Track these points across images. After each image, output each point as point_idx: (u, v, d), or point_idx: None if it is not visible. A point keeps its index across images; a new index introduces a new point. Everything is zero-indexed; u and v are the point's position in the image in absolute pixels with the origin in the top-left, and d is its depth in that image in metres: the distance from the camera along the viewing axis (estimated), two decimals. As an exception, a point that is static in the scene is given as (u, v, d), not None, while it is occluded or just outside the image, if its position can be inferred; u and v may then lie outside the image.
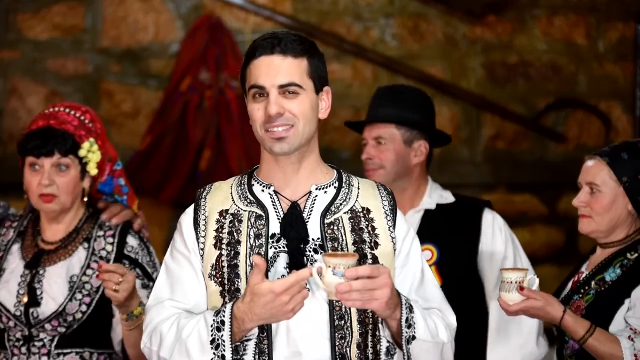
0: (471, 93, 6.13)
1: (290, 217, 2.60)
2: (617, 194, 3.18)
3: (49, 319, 3.22)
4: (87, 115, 3.39)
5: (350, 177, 2.72)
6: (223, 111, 5.81)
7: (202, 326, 2.52)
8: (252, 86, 2.60)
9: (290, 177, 2.64)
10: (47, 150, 3.26)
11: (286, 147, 2.58)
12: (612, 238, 3.21)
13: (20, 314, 3.24)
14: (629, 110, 6.21)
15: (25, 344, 3.25)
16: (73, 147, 3.30)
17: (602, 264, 3.20)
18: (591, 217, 3.19)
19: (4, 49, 5.91)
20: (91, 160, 3.33)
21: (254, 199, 2.64)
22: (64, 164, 3.28)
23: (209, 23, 5.92)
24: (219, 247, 2.60)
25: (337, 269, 2.40)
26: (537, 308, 3.00)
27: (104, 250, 3.32)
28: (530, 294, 2.99)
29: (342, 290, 2.39)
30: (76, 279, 3.26)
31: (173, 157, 5.82)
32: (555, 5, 6.20)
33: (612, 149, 3.23)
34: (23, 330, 3.24)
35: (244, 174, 2.73)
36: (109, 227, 3.36)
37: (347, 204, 2.65)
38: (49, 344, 3.25)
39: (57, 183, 3.28)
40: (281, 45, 2.59)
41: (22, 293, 3.25)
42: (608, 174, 3.18)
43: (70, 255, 3.30)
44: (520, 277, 3.00)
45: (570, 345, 3.16)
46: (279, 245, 2.58)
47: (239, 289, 2.55)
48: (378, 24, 6.10)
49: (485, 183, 6.13)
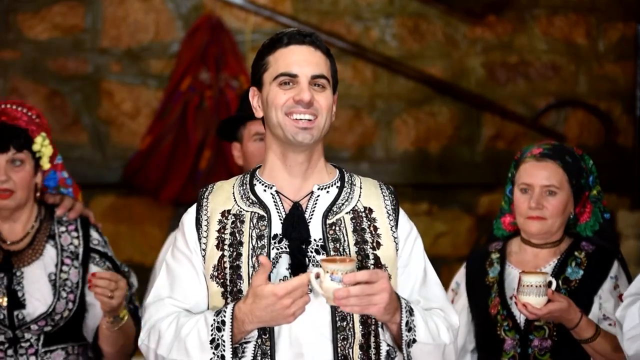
0: (471, 93, 6.13)
1: (291, 217, 2.59)
2: (569, 196, 3.24)
3: (36, 320, 3.20)
4: (33, 111, 3.37)
5: (353, 176, 2.71)
6: (223, 111, 5.81)
7: (202, 325, 2.51)
8: (281, 73, 2.58)
9: (295, 177, 2.63)
10: (2, 145, 3.24)
11: (308, 137, 2.57)
12: (552, 239, 3.27)
13: (4, 317, 3.21)
14: (629, 110, 6.21)
15: (10, 346, 3.22)
16: (26, 141, 3.28)
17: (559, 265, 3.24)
18: (544, 219, 3.22)
19: (4, 49, 5.91)
20: (44, 155, 3.32)
21: (256, 199, 2.63)
22: (19, 159, 3.26)
23: (209, 23, 5.92)
24: (221, 247, 2.59)
25: (335, 274, 2.39)
26: (562, 309, 3.03)
27: (71, 245, 3.31)
28: (557, 297, 3.03)
29: (339, 296, 2.38)
30: (54, 277, 3.25)
31: (173, 157, 5.82)
32: (555, 5, 6.20)
33: (555, 152, 3.27)
34: (6, 333, 3.21)
35: (245, 173, 2.72)
36: (68, 221, 3.35)
37: (349, 204, 2.64)
38: (35, 343, 3.23)
39: (13, 178, 3.25)
40: (312, 37, 2.61)
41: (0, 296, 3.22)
42: (563, 176, 3.23)
43: (41, 254, 3.28)
44: (542, 281, 3.02)
45: (536, 344, 3.18)
46: (281, 245, 2.57)
47: (241, 290, 2.54)
48: (378, 24, 6.10)
49: (485, 183, 6.13)
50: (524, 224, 3.26)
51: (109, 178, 5.86)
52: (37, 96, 5.90)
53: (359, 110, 6.04)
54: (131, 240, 5.84)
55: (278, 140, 2.62)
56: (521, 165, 3.30)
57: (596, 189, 3.32)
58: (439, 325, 2.60)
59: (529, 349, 3.19)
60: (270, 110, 2.59)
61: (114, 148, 5.94)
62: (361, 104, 6.07)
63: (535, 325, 3.19)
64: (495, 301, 3.26)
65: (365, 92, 6.07)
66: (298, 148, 2.60)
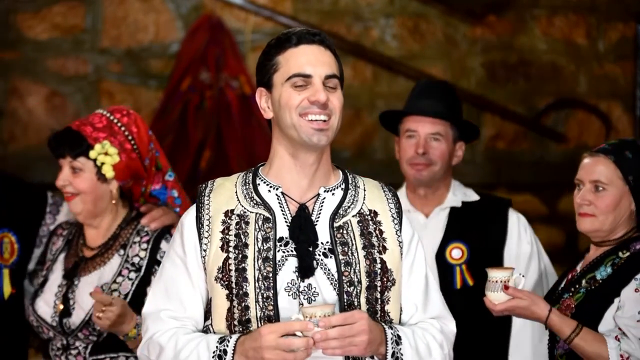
0: (471, 93, 6.12)
1: (298, 219, 2.57)
2: (623, 193, 3.11)
3: (79, 327, 3.24)
4: (124, 119, 3.34)
5: (356, 177, 2.68)
6: (223, 111, 5.81)
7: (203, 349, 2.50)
8: (295, 74, 2.54)
9: (303, 178, 2.60)
10: (59, 152, 3.29)
11: (324, 139, 2.54)
12: (609, 237, 3.14)
13: (56, 324, 3.26)
14: (629, 110, 6.21)
15: (63, 352, 3.28)
16: (85, 149, 3.28)
17: (594, 262, 3.14)
18: (594, 216, 3.11)
19: (4, 49, 5.91)
20: (105, 163, 3.29)
21: (260, 200, 2.59)
22: (77, 167, 3.29)
23: (209, 23, 5.92)
24: (226, 249, 2.56)
25: (314, 318, 2.42)
26: (522, 307, 2.98)
27: (136, 257, 3.29)
28: (516, 293, 2.98)
29: (318, 339, 2.40)
30: (106, 287, 3.25)
31: (173, 157, 5.81)
32: (555, 5, 6.20)
33: (614, 146, 3.15)
34: (62, 340, 3.27)
35: (247, 171, 2.67)
36: (147, 232, 3.32)
37: (355, 207, 2.62)
38: (83, 351, 3.26)
39: (73, 183, 3.29)
40: (321, 36, 2.58)
41: (58, 302, 3.28)
42: (615, 172, 3.10)
43: (105, 264, 3.30)
44: (506, 277, 2.98)
45: (560, 345, 3.12)
46: (287, 249, 2.55)
47: (247, 292, 2.52)
48: (378, 24, 6.10)
49: (485, 183, 6.12)
50: (577, 220, 3.16)
51: (109, 178, 5.86)
52: (37, 96, 5.90)
53: (359, 110, 6.04)
54: (131, 240, 5.84)
55: (290, 141, 2.58)
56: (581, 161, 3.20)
57: None
58: (430, 345, 2.58)
59: (555, 350, 3.15)
60: (284, 112, 2.55)
61: (114, 148, 5.94)
62: (361, 104, 6.06)
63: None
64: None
65: (365, 92, 6.07)
66: (311, 149, 2.56)
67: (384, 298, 2.57)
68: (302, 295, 2.52)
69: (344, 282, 2.53)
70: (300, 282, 2.52)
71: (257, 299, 2.51)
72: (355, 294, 2.53)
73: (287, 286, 2.52)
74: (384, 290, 2.57)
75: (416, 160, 3.59)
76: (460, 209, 3.65)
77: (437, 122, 3.59)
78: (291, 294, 2.52)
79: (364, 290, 2.54)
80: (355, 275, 2.54)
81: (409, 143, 3.62)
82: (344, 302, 2.52)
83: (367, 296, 2.54)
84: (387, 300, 2.58)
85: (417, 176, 3.58)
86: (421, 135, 3.61)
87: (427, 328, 2.61)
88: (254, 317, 2.51)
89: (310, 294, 2.52)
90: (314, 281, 2.53)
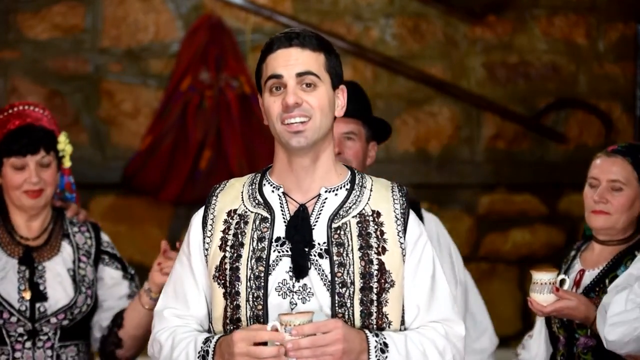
0: (471, 93, 6.13)
1: (295, 219, 2.57)
2: (637, 194, 3.23)
3: (57, 312, 3.27)
4: (46, 111, 3.46)
5: (364, 177, 2.67)
6: (223, 111, 5.81)
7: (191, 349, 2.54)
8: (269, 77, 2.56)
9: (303, 179, 2.60)
10: (34, 148, 3.31)
11: (303, 141, 2.54)
12: (618, 236, 3.25)
13: (26, 308, 3.27)
14: (629, 110, 6.21)
15: (29, 338, 3.27)
16: (53, 142, 3.38)
17: (613, 262, 3.23)
18: (609, 214, 3.22)
19: (4, 49, 5.91)
20: (67, 153, 3.41)
21: (262, 200, 2.61)
22: (46, 162, 3.35)
23: (209, 23, 5.92)
24: (224, 248, 2.58)
25: (289, 326, 2.42)
26: (571, 308, 3.04)
27: (85, 245, 3.41)
28: (565, 295, 3.04)
29: (290, 348, 2.40)
30: (73, 272, 3.33)
31: (173, 157, 5.81)
32: (555, 5, 6.20)
33: (628, 149, 3.27)
34: (25, 325, 3.27)
35: (258, 172, 2.69)
36: (79, 223, 3.44)
37: (356, 207, 2.60)
38: (52, 337, 3.29)
39: (43, 178, 3.34)
40: (299, 38, 2.57)
41: (23, 288, 3.28)
42: (632, 172, 3.23)
43: (59, 251, 3.36)
44: (552, 278, 3.04)
45: (582, 342, 3.18)
46: (283, 248, 2.56)
47: (239, 292, 2.54)
48: (378, 24, 6.10)
49: (485, 183, 6.13)
50: (589, 218, 3.26)
51: (109, 178, 5.86)
52: (37, 96, 5.89)
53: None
54: (131, 240, 5.83)
55: (283, 146, 2.60)
56: (593, 161, 3.30)
57: None
58: (427, 351, 2.55)
59: (574, 347, 3.20)
60: (269, 120, 2.58)
61: (114, 148, 5.94)
62: (361, 104, 6.06)
63: (577, 323, 3.19)
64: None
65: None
66: (300, 152, 2.57)
67: (382, 300, 2.56)
68: (297, 296, 2.53)
69: (336, 283, 2.52)
70: (295, 282, 2.53)
71: (247, 298, 2.53)
72: (348, 295, 2.53)
73: (277, 286, 2.53)
74: (382, 292, 2.56)
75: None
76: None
77: (350, 121, 3.52)
78: (281, 293, 2.53)
79: (357, 291, 2.53)
80: (349, 277, 2.53)
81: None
82: (336, 303, 2.52)
83: (362, 297, 2.53)
84: (385, 302, 2.56)
85: None
86: (335, 136, 3.61)
87: (426, 333, 2.58)
88: (244, 316, 2.53)
89: (306, 294, 2.53)
90: (309, 281, 2.53)
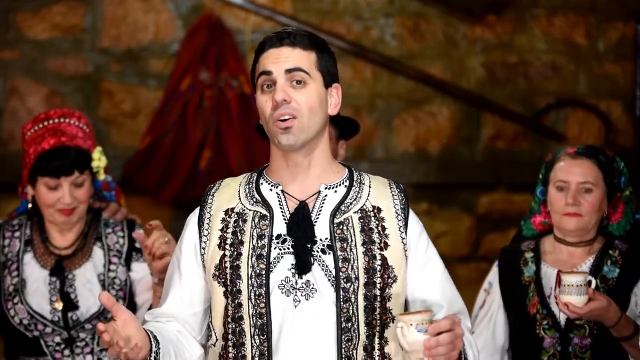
0: (471, 93, 6.12)
1: (297, 216, 2.57)
2: (604, 194, 3.28)
3: (90, 319, 3.29)
4: (82, 121, 3.43)
5: (362, 175, 2.69)
6: (223, 111, 5.81)
7: None
8: (260, 74, 2.57)
9: (299, 176, 2.61)
10: (68, 171, 3.31)
11: (292, 139, 2.54)
12: (587, 237, 3.30)
13: (59, 319, 3.29)
14: (629, 110, 6.21)
15: (67, 346, 3.30)
16: (88, 161, 3.37)
17: (595, 263, 3.28)
18: (581, 216, 3.25)
19: (4, 49, 5.91)
20: (100, 168, 3.41)
21: (260, 199, 2.61)
22: (80, 181, 3.35)
23: (209, 23, 5.92)
24: (223, 247, 2.58)
25: (422, 325, 2.39)
26: (602, 308, 3.05)
27: (117, 244, 3.40)
28: (597, 296, 3.05)
29: (430, 346, 2.38)
30: (103, 277, 3.34)
31: (173, 157, 5.81)
32: (555, 5, 6.20)
33: (590, 150, 3.32)
34: (62, 334, 3.29)
35: (254, 171, 2.70)
36: (114, 223, 3.43)
37: (357, 203, 2.62)
38: (91, 342, 3.31)
39: (76, 197, 3.34)
40: (290, 38, 2.58)
41: (55, 299, 3.30)
42: (599, 174, 3.27)
43: (90, 256, 3.37)
44: (583, 280, 3.04)
45: (577, 342, 3.21)
46: (285, 246, 2.56)
47: (240, 290, 2.54)
48: (378, 24, 6.09)
49: (485, 183, 6.13)
50: (561, 221, 3.29)
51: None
52: (37, 96, 5.90)
53: (359, 110, 6.03)
54: (131, 240, 5.84)
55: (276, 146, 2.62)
56: (556, 165, 3.33)
57: (629, 190, 3.36)
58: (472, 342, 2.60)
59: (570, 347, 3.23)
60: (262, 119, 2.60)
61: (114, 148, 5.93)
62: (361, 104, 6.06)
63: (576, 324, 3.22)
64: (535, 300, 3.29)
65: (365, 92, 6.07)
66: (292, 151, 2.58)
67: (385, 295, 2.57)
68: (300, 292, 2.53)
69: (341, 279, 2.53)
70: (298, 279, 2.53)
71: (249, 297, 2.53)
72: (353, 290, 2.53)
73: (280, 284, 2.53)
74: (385, 287, 2.57)
75: None
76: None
77: None
78: (285, 291, 2.53)
79: (362, 287, 2.54)
80: (353, 272, 2.54)
81: None
82: (341, 299, 2.52)
83: (366, 293, 2.55)
84: (389, 298, 2.58)
85: None
86: None
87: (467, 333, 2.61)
88: (247, 314, 2.53)
89: (309, 290, 2.53)
90: (312, 278, 2.54)
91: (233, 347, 2.55)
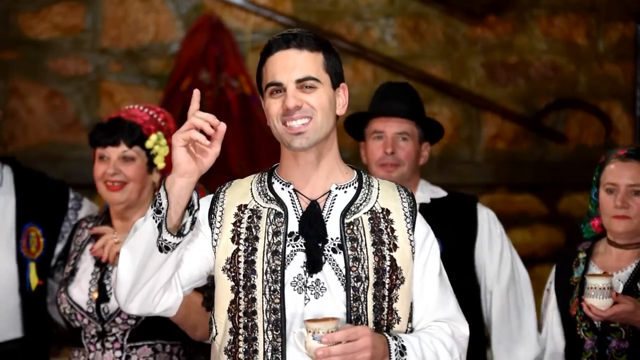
0: (471, 93, 6.13)
1: (308, 215, 2.59)
2: None
3: (118, 311, 3.28)
4: (160, 115, 3.44)
5: (370, 177, 2.71)
6: (223, 111, 5.81)
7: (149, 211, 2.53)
8: (269, 84, 2.59)
9: (309, 176, 2.63)
10: (113, 140, 3.32)
11: (305, 142, 2.57)
12: (636, 239, 3.29)
13: (93, 310, 3.31)
14: (629, 110, 6.21)
15: (99, 339, 3.31)
16: (140, 138, 3.35)
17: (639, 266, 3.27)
18: (630, 218, 3.25)
19: (4, 49, 5.91)
20: (158, 153, 3.37)
21: (274, 196, 2.63)
22: (130, 156, 3.33)
23: (209, 23, 5.92)
24: (237, 241, 2.59)
25: (317, 333, 2.43)
26: (628, 312, 3.07)
27: None
28: (622, 299, 3.06)
29: (320, 355, 2.42)
30: None
31: (173, 157, 5.81)
32: (555, 5, 6.20)
33: (638, 152, 3.30)
34: (97, 327, 3.31)
35: (264, 171, 2.72)
36: None
37: (367, 204, 2.64)
38: (121, 338, 3.31)
39: (124, 171, 3.33)
40: (297, 40, 2.59)
41: (93, 290, 3.32)
42: None
43: None
44: (608, 283, 3.06)
45: (614, 345, 3.22)
46: (297, 243, 2.58)
47: (255, 284, 2.55)
48: (378, 24, 6.10)
49: (485, 183, 6.13)
50: (610, 223, 3.29)
51: (109, 178, 5.86)
52: (37, 96, 5.90)
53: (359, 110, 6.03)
54: (131, 240, 5.84)
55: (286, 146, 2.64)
56: (606, 167, 3.33)
57: None
58: (438, 351, 2.59)
59: (607, 349, 3.23)
60: (270, 121, 2.61)
61: (114, 148, 5.94)
62: (361, 104, 6.04)
63: (611, 326, 3.22)
64: (575, 302, 3.31)
65: (365, 92, 6.06)
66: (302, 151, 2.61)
67: (392, 296, 2.59)
68: (310, 290, 2.55)
69: (351, 278, 2.55)
70: (309, 277, 2.55)
71: (264, 292, 2.54)
72: (363, 289, 2.55)
73: (293, 280, 2.55)
74: (392, 287, 2.59)
75: (385, 161, 3.64)
76: (429, 205, 3.67)
77: (404, 121, 3.64)
78: (297, 288, 2.55)
79: (371, 286, 2.56)
80: (363, 271, 2.56)
81: (376, 144, 3.67)
82: (351, 297, 2.54)
83: (375, 292, 2.57)
84: (396, 299, 2.60)
85: (387, 177, 3.59)
86: (388, 136, 3.66)
87: (435, 333, 2.63)
88: (260, 309, 2.54)
89: (319, 289, 2.55)
90: (322, 276, 2.55)
91: (244, 341, 2.56)
